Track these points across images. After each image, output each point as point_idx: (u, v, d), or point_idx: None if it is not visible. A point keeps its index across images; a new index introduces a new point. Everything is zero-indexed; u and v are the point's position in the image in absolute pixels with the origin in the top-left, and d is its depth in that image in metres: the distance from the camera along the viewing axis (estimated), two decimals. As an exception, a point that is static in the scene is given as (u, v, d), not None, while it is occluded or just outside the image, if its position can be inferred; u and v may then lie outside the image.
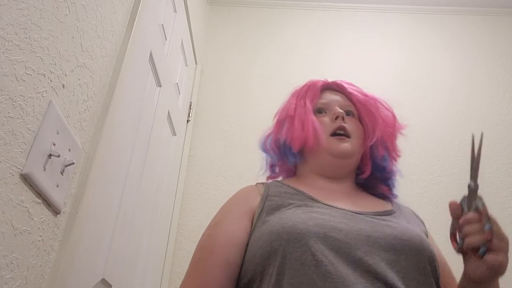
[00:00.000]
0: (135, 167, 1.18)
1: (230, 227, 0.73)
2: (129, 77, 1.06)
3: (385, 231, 0.66)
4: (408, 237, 0.66)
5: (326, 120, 0.84)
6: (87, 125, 0.86)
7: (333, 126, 0.82)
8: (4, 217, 0.60)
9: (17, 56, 0.61)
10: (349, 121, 0.84)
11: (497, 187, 1.84)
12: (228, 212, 0.77)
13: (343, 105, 0.87)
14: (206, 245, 0.74)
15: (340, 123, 0.82)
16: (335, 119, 0.83)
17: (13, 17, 0.60)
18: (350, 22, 2.35)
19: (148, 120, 1.30)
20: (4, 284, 0.60)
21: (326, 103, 0.87)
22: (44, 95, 0.69)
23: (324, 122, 0.83)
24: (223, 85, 2.10)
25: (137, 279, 1.24)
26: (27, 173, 0.64)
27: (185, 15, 1.74)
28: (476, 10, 2.35)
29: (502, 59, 2.19)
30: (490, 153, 1.93)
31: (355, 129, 0.83)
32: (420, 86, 2.11)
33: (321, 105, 0.87)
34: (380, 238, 0.64)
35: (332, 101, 0.87)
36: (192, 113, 1.94)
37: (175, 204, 1.70)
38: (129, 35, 1.04)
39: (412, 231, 0.68)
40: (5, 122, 0.59)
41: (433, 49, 2.23)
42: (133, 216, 1.17)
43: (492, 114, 2.04)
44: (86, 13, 0.83)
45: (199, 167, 1.86)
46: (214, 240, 0.73)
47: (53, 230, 0.74)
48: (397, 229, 0.67)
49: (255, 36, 2.28)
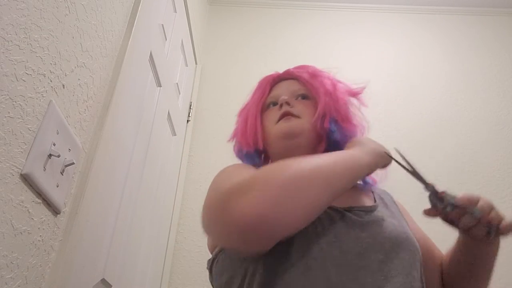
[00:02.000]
0: (135, 167, 1.18)
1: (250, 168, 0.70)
2: (129, 77, 1.06)
3: (375, 231, 0.64)
4: (395, 235, 0.64)
5: (274, 111, 0.82)
6: (87, 125, 0.85)
7: (279, 114, 0.80)
8: (4, 217, 0.60)
9: (17, 56, 0.61)
10: (299, 104, 0.81)
11: (497, 187, 1.84)
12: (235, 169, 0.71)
13: (294, 90, 0.84)
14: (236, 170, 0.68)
15: (283, 110, 0.79)
16: (280, 107, 0.80)
17: (13, 17, 0.60)
18: (350, 22, 2.35)
19: (148, 120, 1.30)
20: (4, 284, 0.60)
21: (275, 95, 0.85)
22: (44, 95, 0.69)
23: (272, 115, 0.82)
24: (223, 85, 2.10)
25: (137, 279, 1.24)
26: (27, 173, 0.64)
27: (185, 15, 1.74)
28: (475, 10, 2.35)
29: (502, 59, 2.20)
30: (490, 153, 1.93)
31: (305, 110, 0.80)
32: (417, 86, 2.12)
33: (271, 98, 0.85)
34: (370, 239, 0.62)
35: (281, 91, 0.85)
36: (192, 113, 1.94)
37: (175, 204, 1.70)
38: (129, 35, 1.04)
39: (399, 227, 0.67)
40: (5, 122, 0.59)
41: (430, 49, 2.24)
42: (133, 216, 1.17)
43: (491, 114, 2.04)
44: (86, 13, 0.83)
45: (199, 167, 1.86)
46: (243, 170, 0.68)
47: (53, 230, 0.74)
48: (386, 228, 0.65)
49: (255, 36, 2.28)
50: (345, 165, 0.60)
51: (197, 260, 1.66)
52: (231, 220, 0.49)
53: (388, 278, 0.58)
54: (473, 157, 1.91)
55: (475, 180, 1.85)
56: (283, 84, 0.87)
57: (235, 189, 0.52)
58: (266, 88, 0.87)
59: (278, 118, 0.79)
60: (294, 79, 0.87)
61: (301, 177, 0.53)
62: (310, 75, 0.85)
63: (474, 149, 1.94)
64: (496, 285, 1.68)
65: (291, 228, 0.53)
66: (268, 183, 0.51)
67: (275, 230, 0.51)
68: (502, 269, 1.67)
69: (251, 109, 0.86)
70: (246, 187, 0.51)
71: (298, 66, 0.90)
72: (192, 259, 1.66)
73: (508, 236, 0.61)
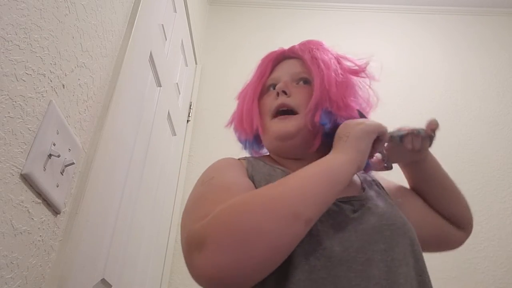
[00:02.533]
0: (135, 167, 1.18)
1: (234, 175, 0.65)
2: (129, 77, 1.06)
3: (369, 219, 0.63)
4: (393, 221, 0.63)
5: (271, 98, 0.76)
6: (87, 125, 0.85)
7: (275, 105, 0.74)
8: (4, 217, 0.60)
9: (17, 56, 0.61)
10: (298, 92, 0.74)
11: (497, 187, 1.84)
12: (223, 168, 0.68)
13: (295, 73, 0.77)
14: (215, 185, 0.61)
15: (279, 101, 0.73)
16: (277, 95, 0.75)
17: (13, 17, 0.60)
18: (350, 22, 2.35)
19: (148, 120, 1.30)
20: (4, 284, 0.60)
21: (276, 77, 0.79)
22: (44, 95, 0.69)
23: (268, 103, 0.76)
24: (223, 85, 2.10)
25: (137, 279, 1.24)
26: (27, 173, 0.64)
27: (185, 15, 1.74)
28: (475, 10, 2.35)
29: (501, 59, 2.20)
30: (490, 153, 1.93)
31: (303, 99, 0.73)
32: (417, 86, 2.12)
33: (271, 81, 0.79)
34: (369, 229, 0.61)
35: (282, 73, 0.78)
36: (192, 113, 1.94)
37: (175, 204, 1.70)
38: (129, 35, 1.04)
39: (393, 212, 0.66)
40: (5, 122, 0.59)
41: (429, 49, 2.24)
42: (133, 216, 1.17)
43: (491, 114, 2.04)
44: (86, 13, 0.83)
45: (199, 167, 1.86)
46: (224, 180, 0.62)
47: (53, 230, 0.74)
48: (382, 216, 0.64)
49: (255, 36, 2.28)
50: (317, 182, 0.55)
51: (197, 260, 1.65)
52: (195, 276, 0.49)
53: (392, 269, 0.57)
54: (473, 157, 1.91)
55: (475, 180, 1.85)
56: (285, 64, 0.81)
57: (193, 242, 0.50)
58: (267, 67, 0.82)
59: (274, 110, 0.74)
60: (297, 58, 0.80)
61: (260, 218, 0.49)
62: (312, 56, 0.76)
63: (474, 149, 1.94)
64: (496, 285, 1.69)
65: (258, 274, 0.49)
66: (222, 233, 0.48)
67: (240, 281, 0.48)
68: (502, 269, 1.67)
69: (249, 91, 0.80)
70: (202, 239, 0.49)
71: (304, 42, 0.82)
72: (192, 259, 1.66)
73: (436, 130, 0.71)
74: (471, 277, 1.64)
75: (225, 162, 0.71)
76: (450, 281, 1.62)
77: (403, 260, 0.59)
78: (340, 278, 0.55)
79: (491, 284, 1.63)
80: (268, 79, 0.81)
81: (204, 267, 0.47)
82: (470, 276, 1.64)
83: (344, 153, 0.61)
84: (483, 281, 1.63)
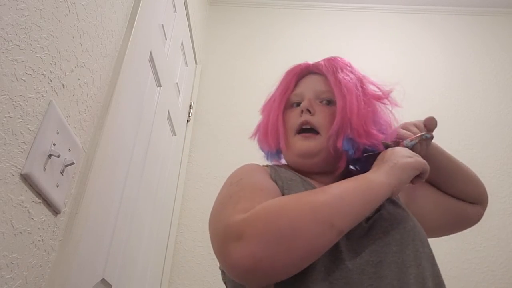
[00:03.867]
0: (135, 167, 1.18)
1: (262, 178, 0.67)
2: (129, 77, 1.06)
3: (381, 224, 0.65)
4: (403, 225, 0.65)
5: (295, 115, 0.77)
6: (87, 125, 0.85)
7: (298, 122, 0.76)
8: (4, 217, 0.60)
9: (17, 56, 0.61)
10: (322, 111, 0.75)
11: (497, 187, 1.84)
12: (250, 171, 0.70)
13: (319, 92, 0.78)
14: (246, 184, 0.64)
15: (303, 118, 0.75)
16: (301, 113, 0.76)
17: (13, 17, 0.60)
18: (350, 22, 2.35)
19: (148, 120, 1.30)
20: (4, 284, 0.60)
21: (299, 93, 0.80)
22: (44, 95, 0.69)
23: (292, 119, 0.78)
24: (223, 85, 2.10)
25: (137, 279, 1.24)
26: (27, 173, 0.64)
27: (185, 15, 1.74)
28: (475, 10, 2.35)
29: (501, 59, 2.20)
30: (490, 153, 1.93)
31: (326, 120, 0.74)
32: (417, 86, 2.12)
33: (295, 96, 0.80)
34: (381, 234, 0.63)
35: (306, 90, 0.79)
36: (192, 113, 1.94)
37: (175, 204, 1.70)
38: (129, 35, 1.04)
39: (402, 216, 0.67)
40: (5, 122, 0.59)
41: (429, 49, 2.24)
42: (133, 216, 1.17)
43: (491, 114, 2.04)
44: (86, 13, 0.83)
45: (199, 167, 1.86)
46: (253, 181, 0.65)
47: (53, 230, 0.74)
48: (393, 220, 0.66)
49: (255, 36, 2.28)
50: (355, 197, 0.57)
51: (197, 260, 1.66)
52: (229, 265, 0.52)
53: (402, 270, 0.59)
54: (473, 157, 1.91)
55: (475, 180, 1.85)
56: (309, 80, 0.81)
57: (232, 233, 0.53)
58: (291, 82, 0.82)
59: (297, 127, 0.76)
60: (321, 75, 0.81)
61: (298, 221, 0.52)
62: (336, 78, 0.76)
63: (474, 149, 1.94)
64: (496, 285, 1.69)
65: (290, 270, 0.53)
66: (262, 229, 0.51)
67: (272, 274, 0.52)
68: (502, 269, 1.67)
69: (273, 106, 0.81)
70: (241, 231, 0.52)
71: (330, 59, 0.82)
72: (192, 259, 1.66)
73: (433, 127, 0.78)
74: (471, 277, 1.64)
75: (250, 167, 0.73)
76: (450, 281, 1.61)
77: (414, 262, 0.61)
78: (353, 279, 0.57)
79: (491, 284, 1.63)
80: (292, 94, 0.81)
81: (241, 255, 0.50)
82: (470, 276, 1.64)
83: (386, 177, 0.63)
84: (483, 281, 1.63)
